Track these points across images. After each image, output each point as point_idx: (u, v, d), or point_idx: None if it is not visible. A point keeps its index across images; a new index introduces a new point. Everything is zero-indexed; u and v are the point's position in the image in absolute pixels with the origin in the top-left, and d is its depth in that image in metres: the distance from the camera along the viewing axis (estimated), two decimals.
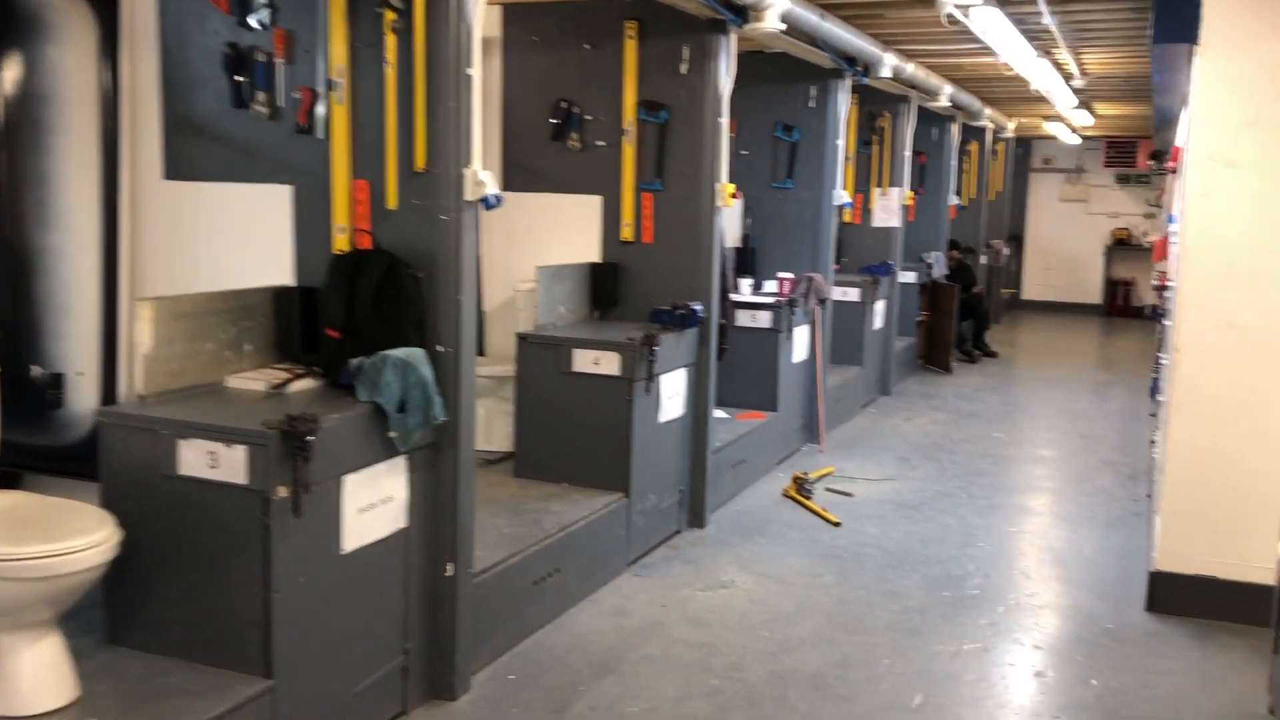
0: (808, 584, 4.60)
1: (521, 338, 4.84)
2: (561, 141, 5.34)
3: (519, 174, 5.49)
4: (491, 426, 5.30)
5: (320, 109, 3.41)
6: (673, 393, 4.98)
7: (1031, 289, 16.15)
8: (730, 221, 7.09)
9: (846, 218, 8.81)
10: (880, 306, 8.62)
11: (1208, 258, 4.19)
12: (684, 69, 5.10)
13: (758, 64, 6.89)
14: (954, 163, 10.57)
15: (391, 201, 3.34)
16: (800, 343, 6.78)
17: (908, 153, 8.77)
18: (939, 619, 4.27)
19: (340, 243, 3.42)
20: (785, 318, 6.48)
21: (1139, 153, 14.89)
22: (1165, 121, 8.44)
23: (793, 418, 6.80)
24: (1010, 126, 12.48)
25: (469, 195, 3.28)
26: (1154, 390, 6.20)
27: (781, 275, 6.67)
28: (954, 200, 10.71)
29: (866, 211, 8.89)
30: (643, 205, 5.25)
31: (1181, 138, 5.70)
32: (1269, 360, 4.14)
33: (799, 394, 6.86)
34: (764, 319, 6.42)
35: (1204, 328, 4.22)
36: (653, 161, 5.21)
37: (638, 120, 5.18)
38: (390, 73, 3.29)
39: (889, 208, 8.74)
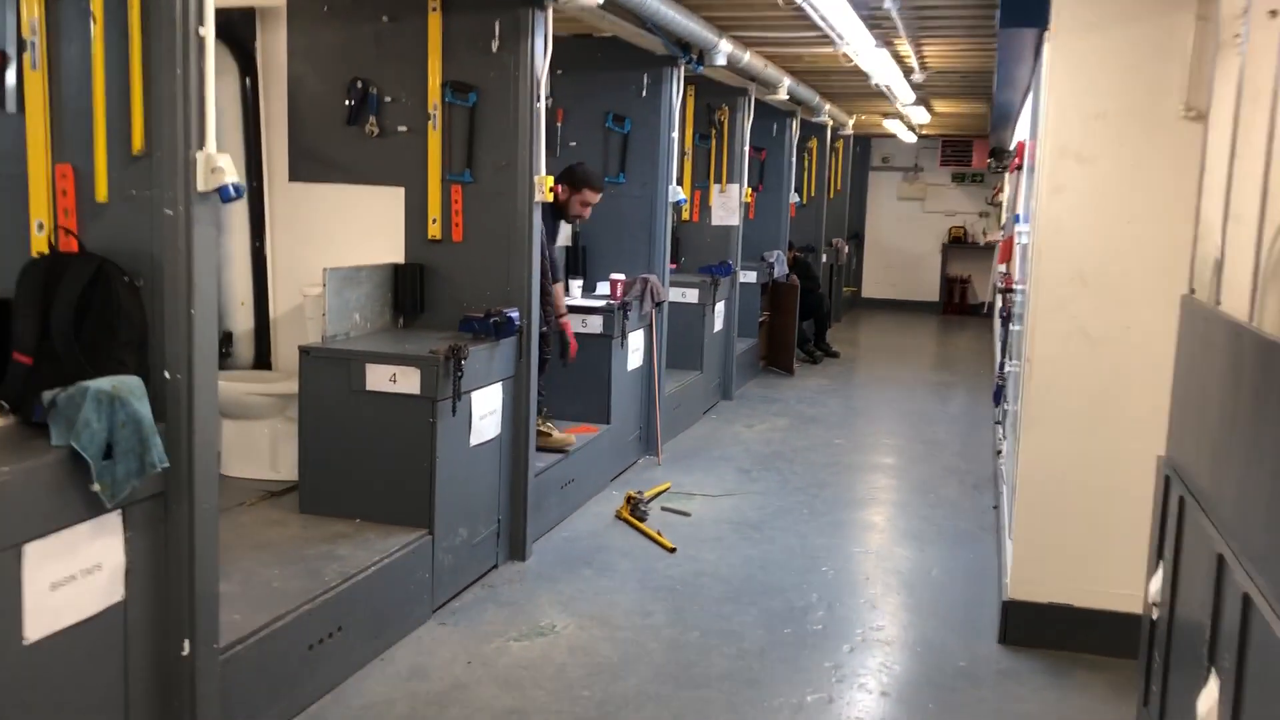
0: (636, 626, 4.10)
1: (304, 351, 4.18)
2: (358, 126, 4.70)
3: (308, 163, 4.82)
4: (278, 452, 4.62)
5: (10, 76, 2.70)
6: (486, 411, 4.41)
7: (871, 287, 16.18)
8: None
9: (685, 215, 8.41)
10: (720, 308, 8.23)
11: (1060, 261, 3.87)
12: (495, 47, 4.52)
13: (587, 49, 6.38)
14: (794, 159, 10.30)
15: (102, 192, 2.66)
16: (635, 348, 6.30)
17: (746, 148, 8.40)
18: (779, 663, 3.83)
19: (39, 244, 2.72)
20: (618, 322, 5.99)
21: (974, 152, 15.06)
22: (1004, 118, 8.32)
23: (628, 430, 6.30)
24: (850, 123, 12.33)
25: (202, 185, 2.63)
26: (998, 396, 5.98)
27: (614, 276, 6.17)
28: (794, 198, 10.44)
29: (705, 209, 8.49)
30: (452, 199, 4.65)
31: (1026, 132, 5.44)
32: (1124, 372, 3.84)
33: (634, 404, 6.37)
34: (595, 324, 5.90)
35: (1056, 336, 3.90)
36: (462, 150, 4.62)
37: (444, 103, 4.58)
38: (97, 31, 2.61)
39: (728, 205, 8.36)
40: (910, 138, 14.27)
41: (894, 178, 15.94)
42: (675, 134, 6.54)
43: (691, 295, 7.79)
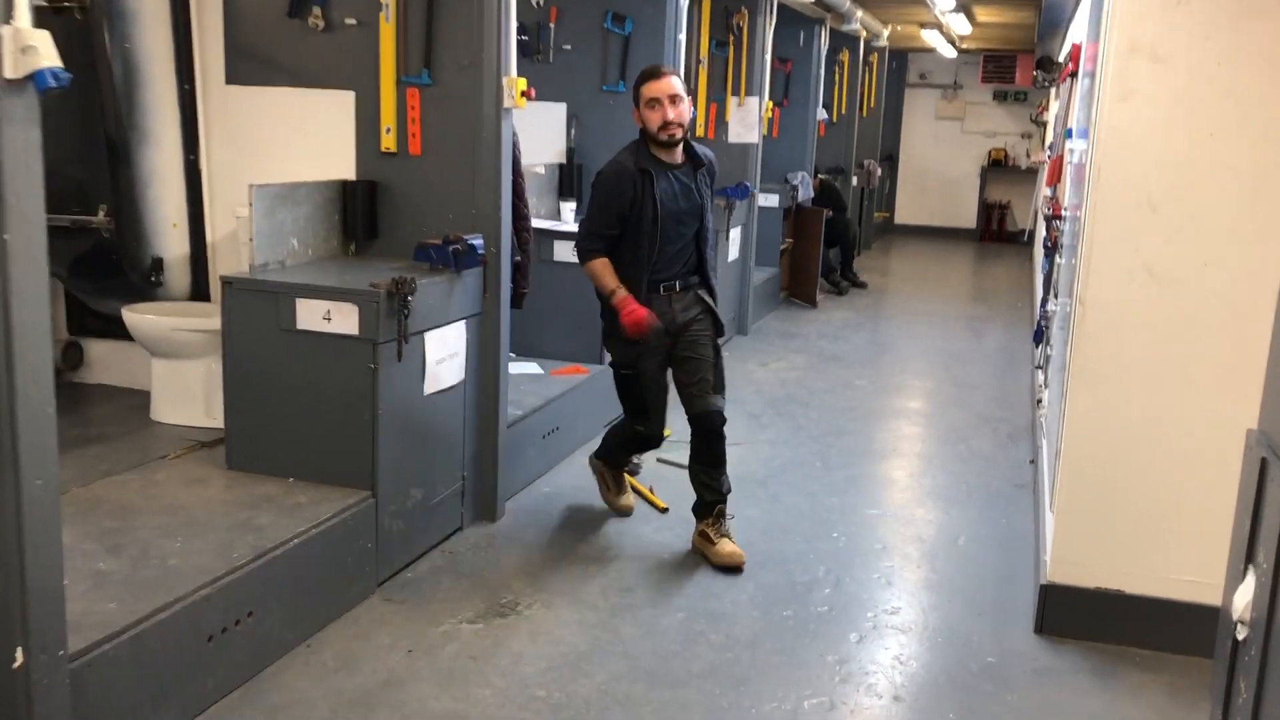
0: (613, 606, 3.55)
1: (226, 282, 3.58)
2: (301, 19, 4.05)
3: (248, 63, 4.18)
4: (212, 397, 4.06)
5: None
6: (445, 354, 3.81)
7: (905, 212, 15.37)
8: (551, 132, 5.89)
9: (698, 131, 7.70)
10: (736, 235, 7.56)
11: (1123, 184, 3.19)
12: None
13: None
14: (822, 72, 9.50)
15: None
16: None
17: (768, 57, 7.65)
18: (774, 656, 3.26)
19: None
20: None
21: (1018, 68, 14.10)
22: (1053, 25, 7.49)
23: None
24: (884, 34, 11.45)
25: (9, 70, 2.02)
26: (1038, 336, 5.31)
27: None
28: (823, 115, 9.67)
29: (722, 125, 7.78)
30: (408, 105, 4.01)
31: (1083, 35, 4.69)
32: (1198, 320, 3.18)
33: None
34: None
35: (1115, 275, 3.23)
36: (420, 46, 3.96)
37: None
38: None
39: (746, 120, 7.64)
40: (950, 52, 13.36)
41: (931, 95, 15.02)
42: (682, 36, 5.81)
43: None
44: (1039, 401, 5.03)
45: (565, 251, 5.26)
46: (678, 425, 5.41)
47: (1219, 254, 3.14)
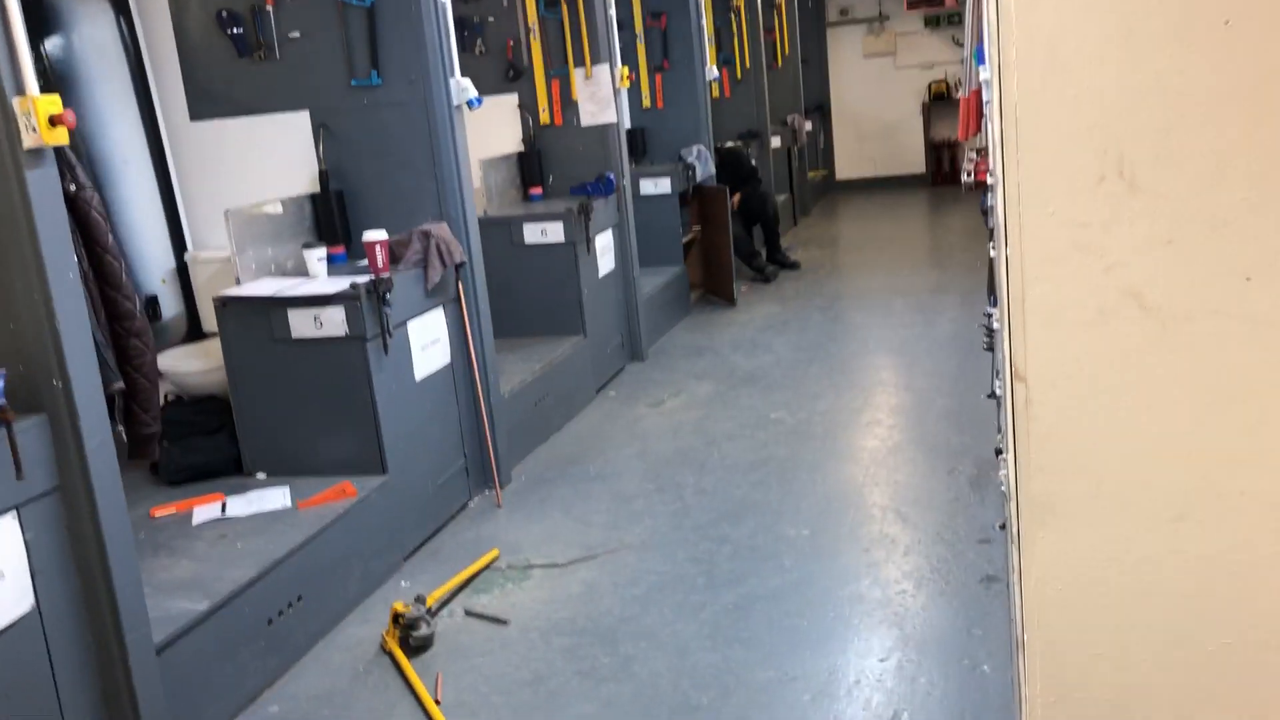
0: None
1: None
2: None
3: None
4: None
5: None
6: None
7: (846, 166, 13.77)
8: (292, 152, 4.33)
9: (544, 118, 6.12)
10: (605, 241, 5.99)
11: (1066, 137, 1.64)
12: None
13: None
14: (705, 23, 7.90)
15: None
16: (430, 341, 4.08)
17: (612, 11, 6.04)
18: None
19: None
20: (371, 315, 3.70)
21: None
22: None
23: (422, 478, 4.12)
24: None
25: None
26: (988, 335, 3.76)
27: (370, 236, 3.91)
28: (713, 73, 8.08)
29: (570, 104, 6.19)
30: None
31: None
32: (1237, 378, 1.64)
33: (433, 433, 4.17)
34: (335, 321, 3.67)
35: (1073, 317, 1.69)
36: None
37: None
38: None
39: (598, 96, 6.05)
40: None
41: (856, 32, 13.40)
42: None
43: (554, 232, 5.56)
44: (998, 451, 3.46)
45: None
46: (519, 532, 3.86)
47: (1273, 255, 1.60)
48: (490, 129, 5.81)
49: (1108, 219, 1.64)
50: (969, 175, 3.18)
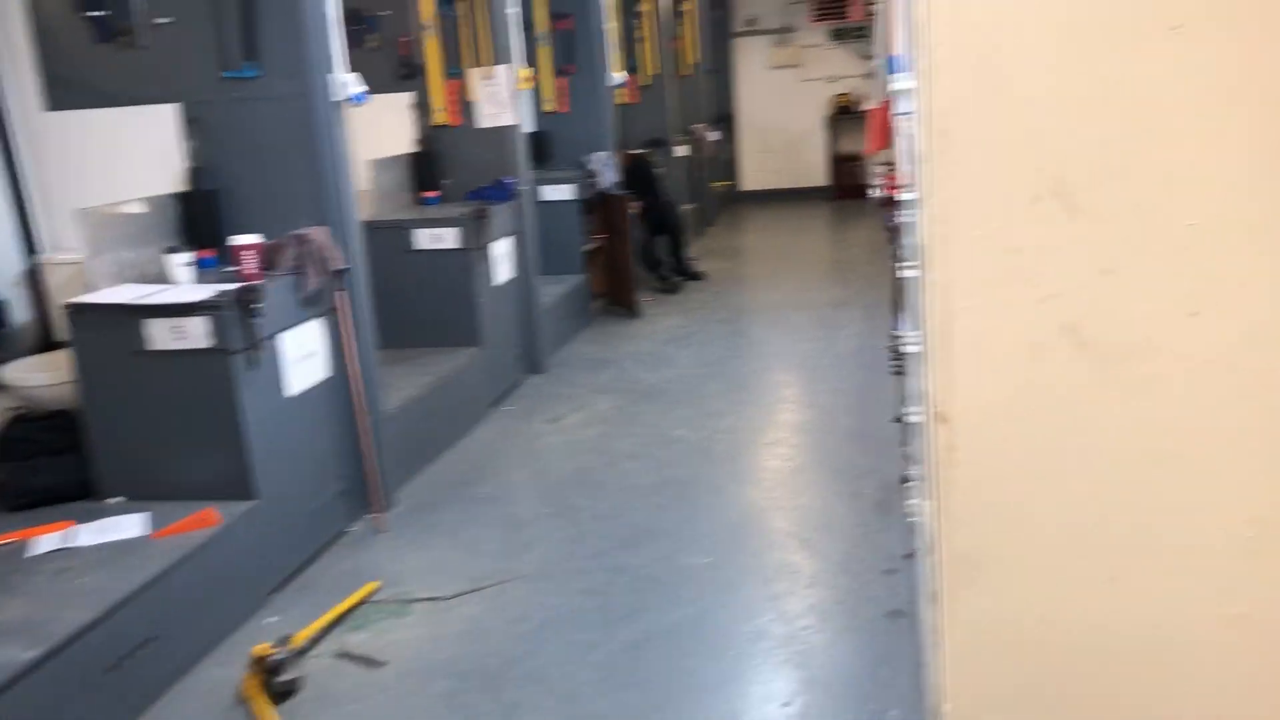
0: None
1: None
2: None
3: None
4: None
5: None
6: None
7: (751, 178, 13.72)
8: (158, 146, 3.98)
9: (440, 119, 5.84)
10: (504, 249, 5.73)
11: (1000, 156, 1.47)
12: None
13: None
14: (609, 26, 7.70)
15: None
16: (300, 361, 3.77)
17: (513, 11, 5.80)
18: None
19: None
20: (234, 327, 3.40)
21: (850, 1, 12.51)
22: None
23: (295, 502, 3.82)
24: None
25: None
26: (895, 358, 3.63)
27: (238, 241, 3.59)
28: (616, 79, 7.88)
29: (469, 107, 5.93)
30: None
31: None
32: (1196, 430, 1.48)
33: (308, 453, 3.86)
34: (196, 334, 3.35)
35: (1002, 353, 1.52)
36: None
37: None
38: None
39: (497, 97, 5.80)
40: None
41: (763, 43, 13.36)
42: None
43: (448, 238, 5.29)
44: (905, 479, 3.32)
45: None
46: (403, 561, 3.58)
47: (1222, 289, 1.44)
48: (383, 128, 5.52)
49: (1043, 244, 1.48)
50: (878, 189, 3.02)
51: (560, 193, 7.02)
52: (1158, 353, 1.48)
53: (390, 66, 5.68)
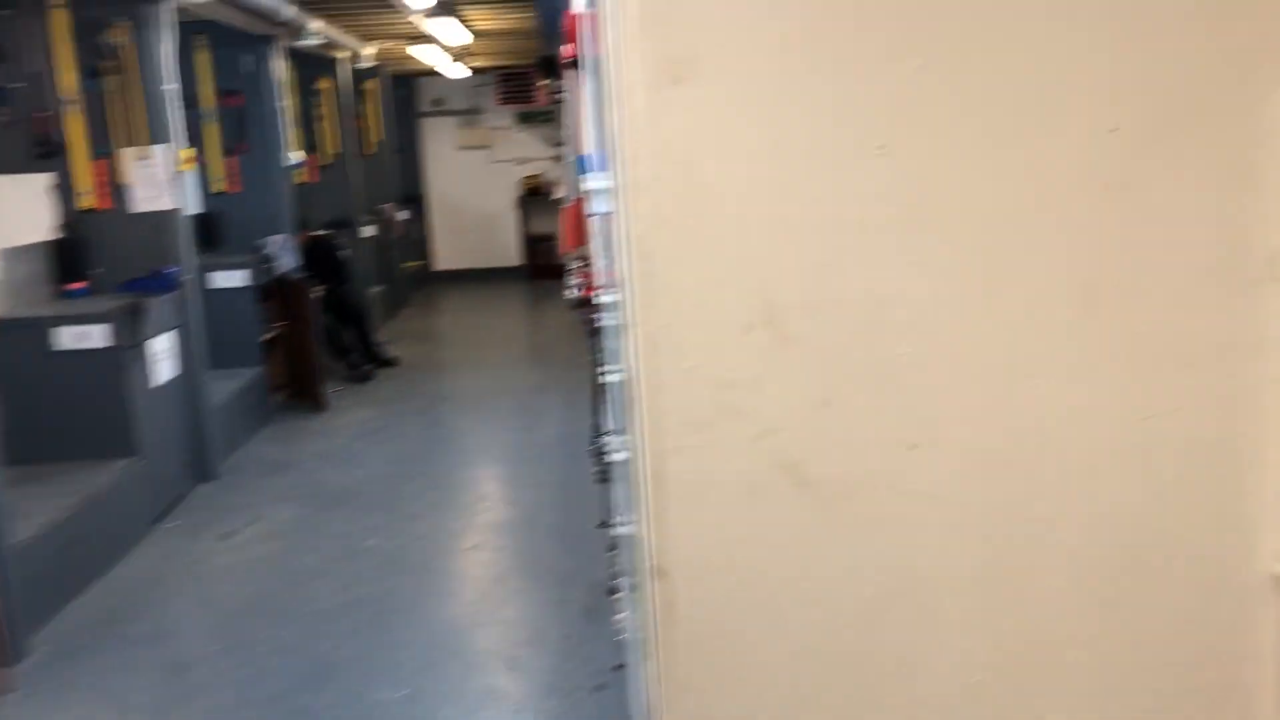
0: None
1: None
2: None
3: None
4: None
5: None
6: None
7: (444, 258, 13.50)
8: None
9: (87, 203, 5.20)
10: (164, 344, 5.14)
11: (706, 277, 1.32)
12: None
13: None
14: (284, 104, 7.28)
15: None
16: None
17: (170, 88, 5.30)
18: None
19: None
20: None
21: (537, 87, 12.67)
22: (554, 15, 5.81)
23: None
24: (368, 53, 9.44)
25: None
26: (599, 465, 3.48)
27: None
28: (294, 158, 7.45)
29: (122, 190, 5.33)
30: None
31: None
32: (888, 556, 1.38)
33: None
34: None
35: (715, 485, 1.36)
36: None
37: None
38: None
39: (155, 179, 5.24)
40: (462, 72, 11.65)
41: (451, 124, 13.26)
42: None
43: (96, 336, 4.66)
44: (612, 589, 3.16)
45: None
46: None
47: (939, 419, 1.36)
48: (15, 213, 4.83)
49: (758, 375, 1.34)
50: (575, 290, 2.87)
51: (233, 279, 6.47)
52: (879, 488, 1.37)
53: (24, 144, 5.00)
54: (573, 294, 2.87)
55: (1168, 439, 1.38)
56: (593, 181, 2.17)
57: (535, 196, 13.02)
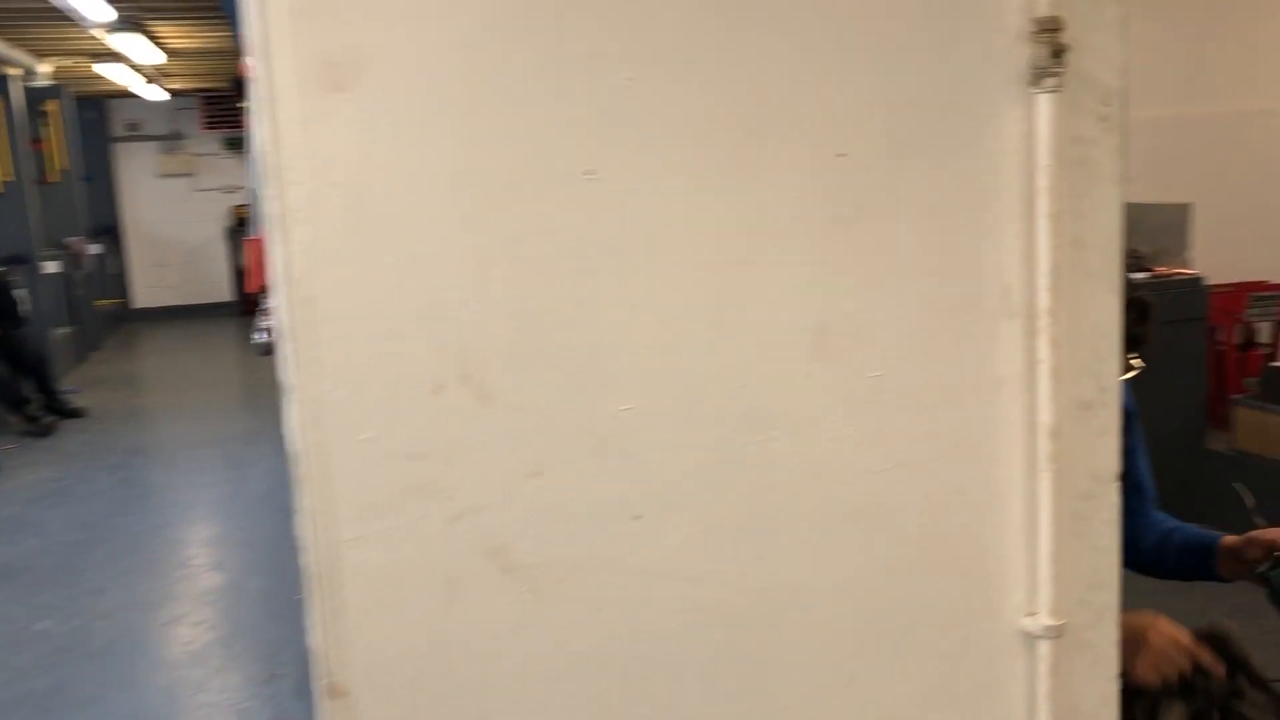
0: None
1: None
2: None
3: None
4: None
5: None
6: None
7: (145, 294, 12.42)
8: None
9: None
10: None
11: (374, 318, 1.09)
12: None
13: None
14: None
15: None
16: None
17: None
18: None
19: None
20: None
21: (240, 109, 11.93)
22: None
23: None
24: (42, 70, 8.52)
25: None
26: None
27: None
28: None
29: None
30: None
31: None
32: (614, 642, 1.19)
33: None
34: None
35: (406, 582, 1.13)
36: None
37: None
38: None
39: None
40: (160, 95, 10.79)
41: (150, 150, 12.26)
42: None
43: None
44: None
45: None
46: None
47: (662, 485, 1.18)
48: None
49: (454, 444, 1.11)
50: (264, 334, 2.54)
51: None
52: (601, 568, 1.18)
53: None
54: (262, 338, 2.53)
55: (908, 492, 1.27)
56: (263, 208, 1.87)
57: (245, 227, 12.22)
